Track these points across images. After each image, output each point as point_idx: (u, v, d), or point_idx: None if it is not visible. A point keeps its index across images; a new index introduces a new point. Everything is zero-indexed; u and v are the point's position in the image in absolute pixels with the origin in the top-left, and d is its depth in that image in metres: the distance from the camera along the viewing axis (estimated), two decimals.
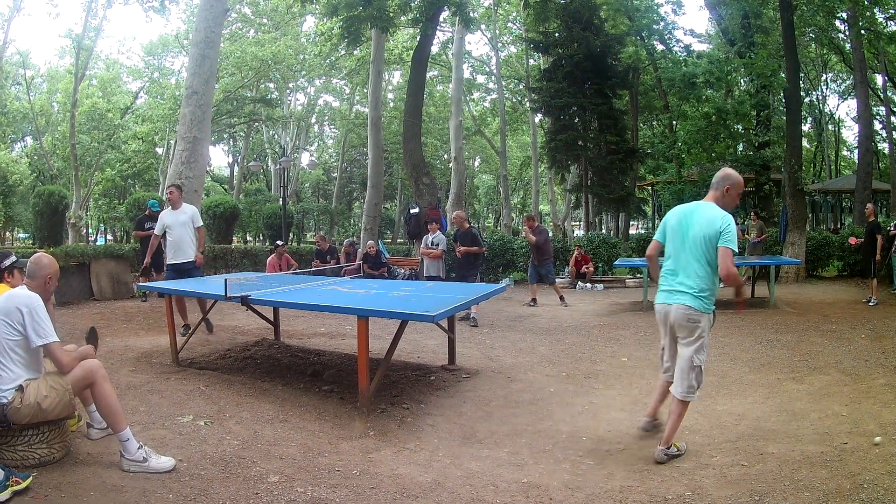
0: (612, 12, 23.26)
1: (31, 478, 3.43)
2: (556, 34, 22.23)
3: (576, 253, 16.11)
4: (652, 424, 4.63)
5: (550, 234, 17.16)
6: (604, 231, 29.19)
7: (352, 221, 42.94)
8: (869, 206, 12.52)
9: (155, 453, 3.81)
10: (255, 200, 34.31)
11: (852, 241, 12.79)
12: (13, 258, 4.75)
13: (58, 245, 19.10)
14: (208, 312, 7.94)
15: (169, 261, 8.81)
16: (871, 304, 11.03)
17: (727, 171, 4.36)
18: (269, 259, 14.30)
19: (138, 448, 3.74)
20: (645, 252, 5.30)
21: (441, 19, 20.72)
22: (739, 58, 18.51)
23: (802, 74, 23.20)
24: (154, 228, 10.26)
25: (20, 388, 3.62)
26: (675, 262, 4.31)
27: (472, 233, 10.79)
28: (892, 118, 29.63)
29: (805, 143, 30.01)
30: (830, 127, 37.73)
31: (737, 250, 4.07)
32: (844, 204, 30.72)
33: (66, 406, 3.78)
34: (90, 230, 45.03)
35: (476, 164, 49.19)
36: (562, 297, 12.56)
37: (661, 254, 4.52)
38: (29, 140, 39.59)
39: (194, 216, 8.75)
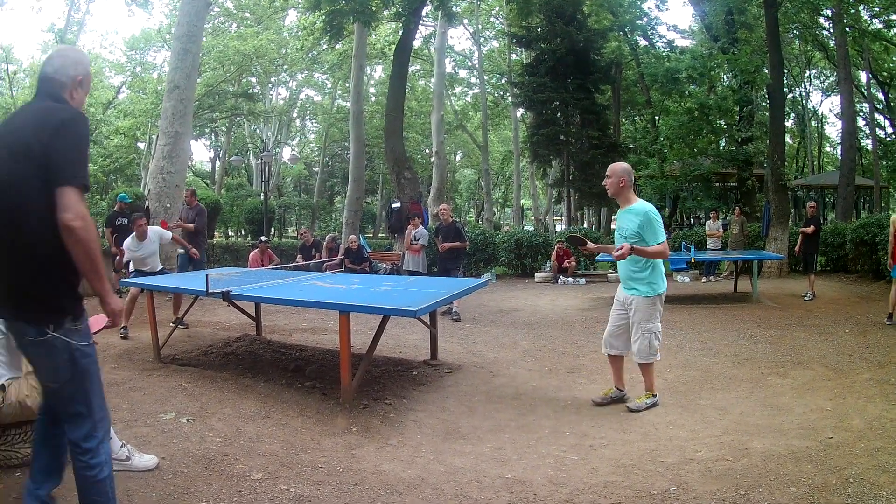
0: (595, 7, 23.33)
1: None
2: (539, 29, 22.29)
3: (557, 248, 16.12)
4: None
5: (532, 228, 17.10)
6: (585, 226, 29.24)
7: (333, 216, 42.64)
8: (811, 203, 12.73)
9: (137, 451, 3.76)
10: (237, 195, 33.98)
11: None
12: None
13: None
14: (185, 314, 7.98)
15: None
16: (806, 298, 11.21)
17: None
18: (251, 254, 14.23)
19: (121, 446, 3.68)
20: None
21: (424, 13, 20.73)
22: (723, 54, 18.62)
23: (786, 71, 23.35)
24: (125, 222, 10.48)
25: (2, 388, 3.56)
26: None
27: (456, 227, 10.75)
28: (876, 115, 29.91)
29: (788, 138, 30.22)
30: (814, 123, 37.88)
31: None
32: (827, 200, 30.91)
33: None
34: None
35: (458, 158, 49.19)
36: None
37: None
38: None
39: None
